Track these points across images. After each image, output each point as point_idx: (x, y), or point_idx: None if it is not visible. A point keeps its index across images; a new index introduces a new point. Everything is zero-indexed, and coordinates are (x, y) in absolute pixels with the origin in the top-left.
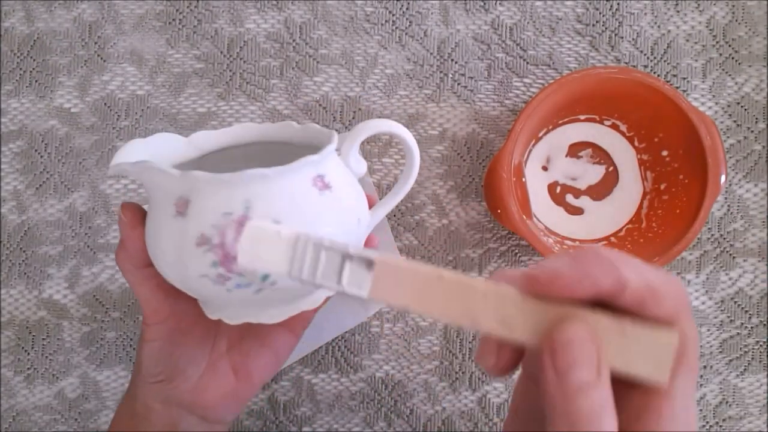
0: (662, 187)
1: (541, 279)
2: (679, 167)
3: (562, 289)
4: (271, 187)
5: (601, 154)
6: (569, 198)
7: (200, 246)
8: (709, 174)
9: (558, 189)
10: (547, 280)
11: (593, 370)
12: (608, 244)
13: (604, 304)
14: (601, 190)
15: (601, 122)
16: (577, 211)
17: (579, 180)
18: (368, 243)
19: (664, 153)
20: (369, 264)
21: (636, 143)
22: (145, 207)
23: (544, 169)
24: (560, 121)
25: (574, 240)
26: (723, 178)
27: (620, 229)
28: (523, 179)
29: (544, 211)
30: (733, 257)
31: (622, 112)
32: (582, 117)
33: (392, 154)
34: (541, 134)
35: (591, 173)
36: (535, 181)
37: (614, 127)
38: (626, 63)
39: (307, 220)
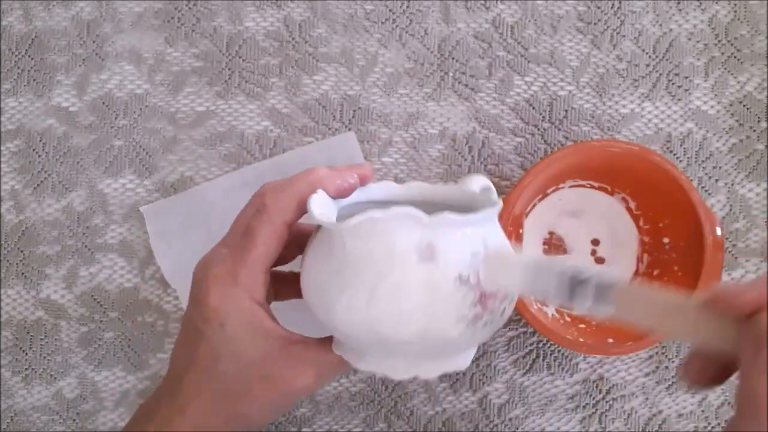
0: (655, 272)
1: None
2: (676, 258)
3: (753, 302)
4: (492, 228)
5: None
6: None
7: (459, 288)
8: (702, 276)
9: (550, 247)
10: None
11: None
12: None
13: None
14: (596, 260)
15: (611, 194)
16: None
17: (573, 243)
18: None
19: (666, 240)
20: (609, 287)
21: (641, 223)
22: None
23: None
24: (571, 183)
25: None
26: (716, 283)
27: None
28: (521, 231)
29: None
30: (736, 257)
31: (634, 190)
32: (595, 184)
33: (391, 153)
34: (549, 191)
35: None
36: (533, 235)
37: (624, 201)
38: (628, 62)
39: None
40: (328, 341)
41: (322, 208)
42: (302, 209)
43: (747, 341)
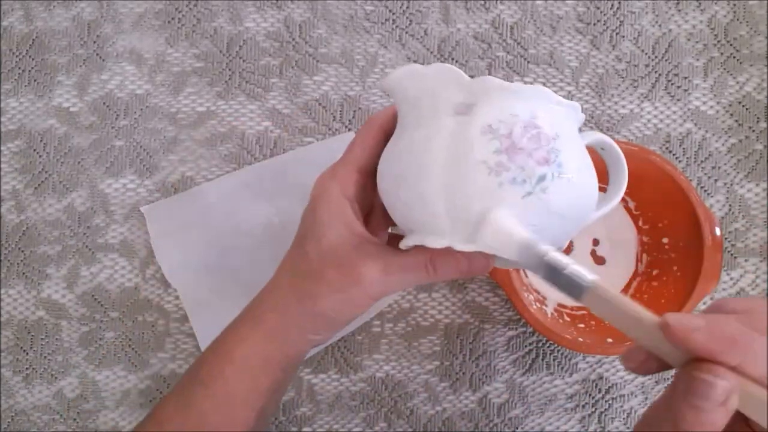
0: (654, 273)
1: (681, 335)
2: (675, 258)
3: (698, 349)
4: (553, 109)
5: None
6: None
7: (485, 134)
8: (701, 276)
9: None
10: (685, 338)
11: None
12: (587, 314)
13: None
14: (595, 260)
15: None
16: None
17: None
18: None
19: (665, 240)
20: (580, 287)
21: (641, 223)
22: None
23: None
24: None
25: (557, 303)
26: (714, 284)
27: None
28: None
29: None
30: (735, 257)
31: (634, 190)
32: None
33: None
34: None
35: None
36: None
37: (623, 201)
38: (627, 62)
39: (579, 150)
40: (400, 249)
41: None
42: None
43: (679, 384)
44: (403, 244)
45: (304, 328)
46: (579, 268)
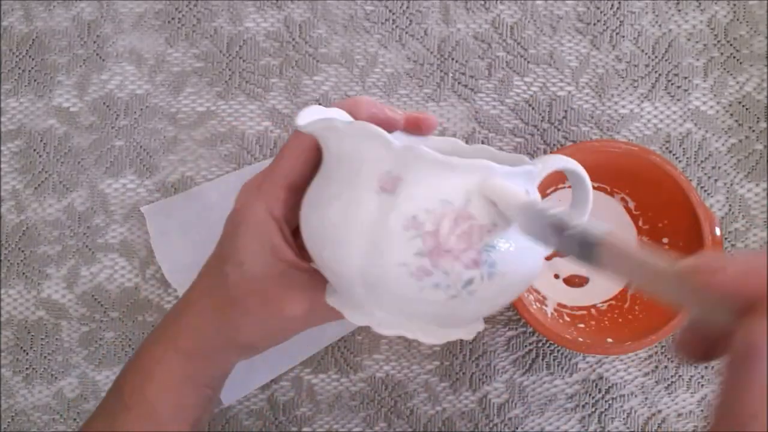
0: None
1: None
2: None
3: (737, 288)
4: (494, 184)
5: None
6: (558, 260)
7: (408, 230)
8: None
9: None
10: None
11: None
12: (587, 315)
13: None
14: None
15: (611, 194)
16: (569, 279)
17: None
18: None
19: (665, 240)
20: (593, 244)
21: (640, 223)
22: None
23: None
24: (570, 184)
25: (556, 303)
26: None
27: (603, 303)
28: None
29: None
30: None
31: (633, 190)
32: (594, 184)
33: None
34: (549, 191)
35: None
36: None
37: (623, 201)
38: (627, 62)
39: (513, 241)
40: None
41: (310, 117)
42: None
43: (734, 348)
44: (328, 301)
45: (227, 352)
46: (589, 222)
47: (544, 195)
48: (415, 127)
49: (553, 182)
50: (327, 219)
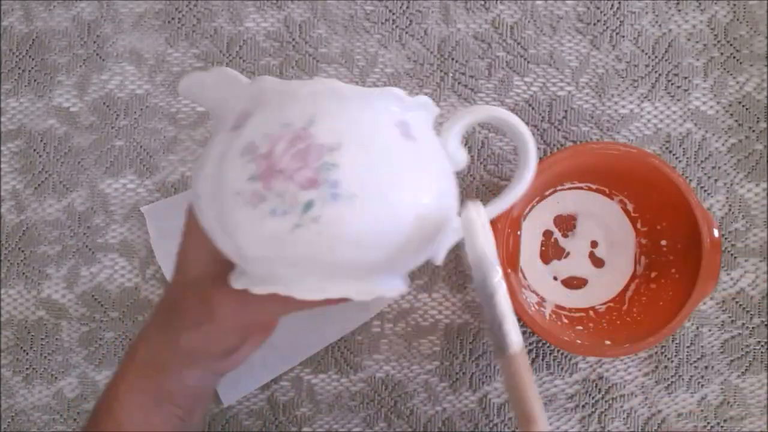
0: (652, 275)
1: None
2: (673, 260)
3: None
4: (347, 109)
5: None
6: (556, 262)
7: (244, 155)
8: (699, 278)
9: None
10: None
11: None
12: (585, 317)
13: None
14: (594, 262)
15: (610, 196)
16: (567, 281)
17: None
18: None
19: (663, 242)
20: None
21: (639, 225)
22: None
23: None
24: (569, 185)
25: (555, 304)
26: (713, 286)
27: (602, 304)
28: (519, 232)
29: (532, 270)
30: (735, 257)
31: (632, 192)
32: (593, 186)
33: None
34: (547, 193)
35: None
36: (531, 237)
37: (621, 203)
38: (627, 62)
39: (378, 157)
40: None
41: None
42: None
43: None
44: (231, 284)
45: (175, 363)
46: (513, 328)
47: (542, 197)
48: None
49: (552, 184)
50: (194, 170)
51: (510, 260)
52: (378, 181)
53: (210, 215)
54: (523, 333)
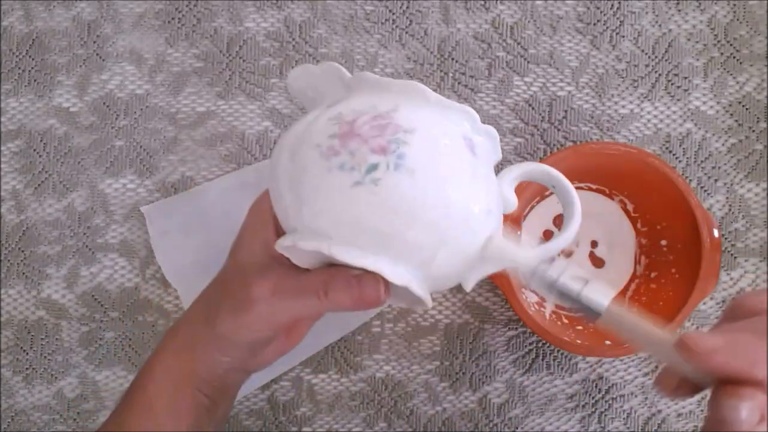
0: (653, 275)
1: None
2: (673, 260)
3: (719, 371)
4: (428, 108)
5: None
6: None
7: (331, 120)
8: (699, 278)
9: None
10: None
11: None
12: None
13: None
14: (594, 262)
15: (610, 196)
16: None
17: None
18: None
19: (663, 242)
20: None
21: (639, 225)
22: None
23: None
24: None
25: (555, 304)
26: (713, 286)
27: None
28: (519, 232)
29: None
30: (735, 257)
31: (632, 192)
32: (593, 186)
33: None
34: (547, 193)
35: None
36: (531, 237)
37: (621, 203)
38: (627, 62)
39: (443, 151)
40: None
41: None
42: None
43: (710, 413)
44: (277, 245)
45: (209, 346)
46: (592, 291)
47: (542, 197)
48: None
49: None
50: (278, 143)
51: None
52: (438, 170)
53: (283, 169)
54: (525, 332)
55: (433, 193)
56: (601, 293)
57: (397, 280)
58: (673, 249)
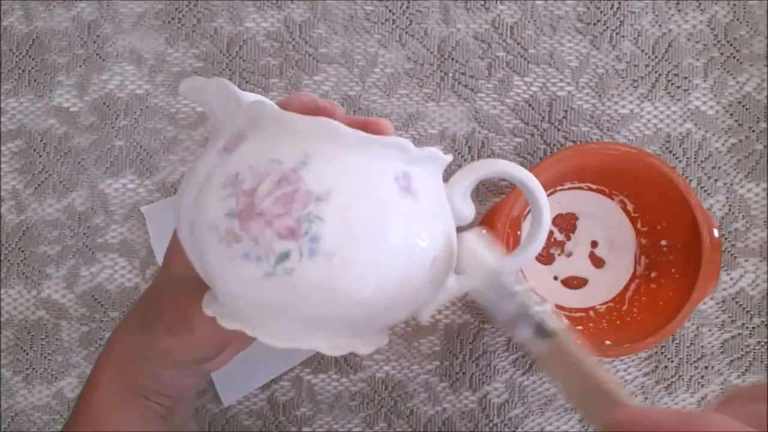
0: (652, 275)
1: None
2: (673, 260)
3: None
4: (344, 154)
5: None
6: (556, 262)
7: (226, 187)
8: (699, 278)
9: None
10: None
11: None
12: (585, 317)
13: None
14: (594, 262)
15: (609, 196)
16: (567, 281)
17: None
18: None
19: (663, 242)
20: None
21: (639, 225)
22: None
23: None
24: (569, 185)
25: (554, 304)
26: (713, 286)
27: (602, 304)
28: (519, 233)
29: (532, 270)
30: (735, 257)
31: (632, 192)
32: (593, 186)
33: None
34: (547, 193)
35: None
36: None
37: (621, 203)
38: (627, 62)
39: (367, 214)
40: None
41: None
42: None
43: None
44: (204, 302)
45: (151, 359)
46: (548, 314)
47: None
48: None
49: (552, 184)
50: (179, 188)
51: None
52: (362, 242)
53: (185, 238)
54: None
55: (359, 273)
56: (557, 319)
57: (338, 352)
58: (673, 249)
